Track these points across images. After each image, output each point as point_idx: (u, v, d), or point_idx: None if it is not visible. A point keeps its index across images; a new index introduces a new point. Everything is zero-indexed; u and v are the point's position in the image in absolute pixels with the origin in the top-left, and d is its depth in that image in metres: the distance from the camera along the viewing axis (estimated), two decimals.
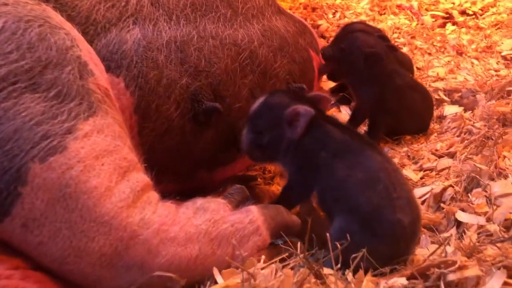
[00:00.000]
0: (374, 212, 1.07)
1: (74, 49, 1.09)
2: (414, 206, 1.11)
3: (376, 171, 1.12)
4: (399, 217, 1.06)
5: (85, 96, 1.03)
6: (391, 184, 1.09)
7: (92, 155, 0.97)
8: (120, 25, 1.30)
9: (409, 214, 1.07)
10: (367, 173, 1.11)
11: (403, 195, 1.09)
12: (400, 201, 1.07)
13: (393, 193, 1.08)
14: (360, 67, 1.79)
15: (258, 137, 1.28)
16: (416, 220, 1.10)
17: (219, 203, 1.14)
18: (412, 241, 1.09)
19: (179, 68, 1.33)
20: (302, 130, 1.20)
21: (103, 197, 0.96)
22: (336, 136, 1.21)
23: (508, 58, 2.62)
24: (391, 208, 1.06)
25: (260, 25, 1.62)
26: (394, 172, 1.14)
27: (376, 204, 1.07)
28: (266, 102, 1.28)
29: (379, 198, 1.07)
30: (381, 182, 1.09)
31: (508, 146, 1.56)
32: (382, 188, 1.08)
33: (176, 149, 1.34)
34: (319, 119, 1.23)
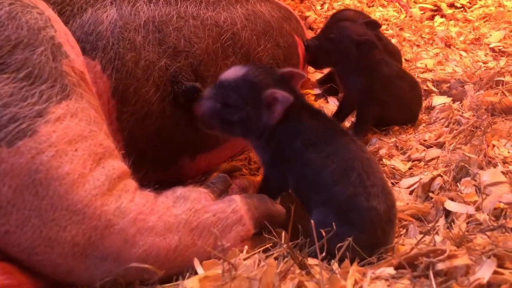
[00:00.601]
0: (349, 201, 1.05)
1: (47, 29, 1.03)
2: (388, 193, 1.09)
3: (350, 160, 1.09)
4: (373, 204, 1.04)
5: (58, 79, 0.97)
6: (364, 172, 1.07)
7: (65, 140, 0.92)
8: (97, 5, 1.25)
9: (384, 201, 1.05)
10: (341, 163, 1.09)
11: (377, 182, 1.07)
12: (374, 189, 1.05)
13: (366, 181, 1.06)
14: (350, 56, 1.75)
15: (226, 110, 1.19)
16: (391, 207, 1.07)
17: (200, 192, 1.10)
18: (389, 228, 1.07)
19: (157, 49, 1.28)
20: (278, 116, 1.16)
21: (76, 184, 0.90)
22: (311, 124, 1.17)
23: (496, 50, 2.60)
24: (365, 195, 1.04)
25: (244, 9, 1.59)
26: (368, 161, 1.11)
27: (351, 193, 1.05)
28: (246, 76, 1.19)
29: (353, 187, 1.05)
30: (355, 170, 1.07)
31: (497, 135, 1.53)
32: (356, 176, 1.06)
33: (156, 134, 1.29)
34: (296, 106, 1.18)
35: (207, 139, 1.41)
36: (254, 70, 1.21)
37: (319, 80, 2.27)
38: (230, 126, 1.22)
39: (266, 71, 1.24)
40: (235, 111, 1.19)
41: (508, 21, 2.92)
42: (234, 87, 1.19)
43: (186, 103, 1.30)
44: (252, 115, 1.18)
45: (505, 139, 1.52)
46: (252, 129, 1.20)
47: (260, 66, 1.31)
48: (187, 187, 1.09)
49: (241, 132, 1.24)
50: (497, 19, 3.00)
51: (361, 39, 1.73)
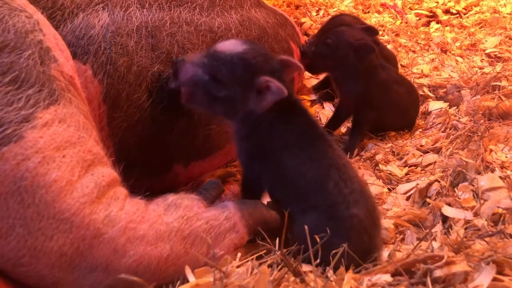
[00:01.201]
0: (329, 211, 1.02)
1: (35, 33, 1.01)
2: (367, 197, 1.07)
3: (326, 167, 1.06)
4: (353, 211, 1.01)
5: (46, 83, 0.95)
6: (341, 180, 1.04)
7: (52, 146, 0.89)
8: (89, 10, 1.23)
9: (364, 206, 1.03)
10: (317, 171, 1.06)
11: (355, 188, 1.05)
12: (353, 196, 1.03)
13: (344, 189, 1.03)
14: (348, 61, 1.73)
15: (213, 84, 1.11)
16: (372, 210, 1.05)
17: (192, 199, 1.07)
18: (375, 232, 1.05)
19: (150, 55, 1.26)
20: (266, 106, 1.10)
21: (63, 191, 0.87)
22: (290, 124, 1.13)
23: (492, 56, 2.60)
24: (344, 204, 1.02)
25: (239, 15, 1.57)
26: (344, 167, 1.08)
27: (330, 203, 1.03)
28: (244, 55, 1.11)
29: (332, 196, 1.03)
30: (332, 179, 1.04)
31: (494, 140, 1.51)
32: (333, 185, 1.04)
33: (148, 141, 1.27)
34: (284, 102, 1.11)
35: (201, 146, 1.39)
36: (253, 51, 1.13)
37: (314, 86, 2.26)
38: (213, 102, 1.13)
39: (266, 56, 1.15)
40: (222, 87, 1.11)
41: (504, 27, 2.92)
42: (228, 63, 1.10)
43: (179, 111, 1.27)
44: (239, 96, 1.11)
45: (503, 144, 1.50)
46: (236, 111, 1.14)
47: (261, 48, 1.21)
48: (179, 194, 1.06)
49: (223, 111, 1.16)
50: (492, 25, 3.00)
51: (358, 43, 1.71)
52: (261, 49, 1.19)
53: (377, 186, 1.46)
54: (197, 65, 1.13)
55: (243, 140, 1.17)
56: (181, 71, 1.15)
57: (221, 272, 0.86)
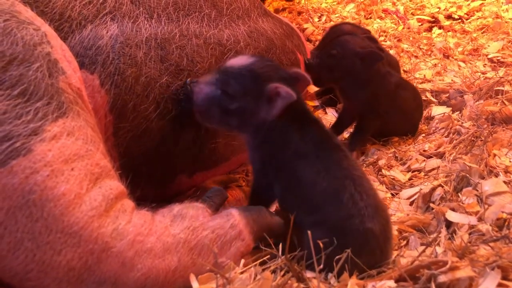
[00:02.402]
0: (343, 224, 1.01)
1: (43, 45, 1.02)
2: (382, 210, 1.06)
3: (341, 179, 1.05)
4: (368, 226, 1.00)
5: (54, 96, 0.95)
6: (357, 192, 1.03)
7: (61, 159, 0.89)
8: (97, 21, 1.25)
9: (379, 221, 1.02)
10: (332, 182, 1.06)
11: (370, 202, 1.04)
12: (368, 210, 1.02)
13: (360, 202, 1.02)
14: (355, 70, 1.71)
15: (225, 98, 1.14)
16: (386, 225, 1.04)
17: (198, 208, 1.08)
18: (387, 247, 1.04)
19: (159, 66, 1.27)
20: (277, 113, 1.11)
21: (72, 205, 0.87)
22: (304, 134, 1.13)
23: (494, 61, 2.60)
24: (359, 218, 1.01)
25: (246, 26, 1.58)
26: (360, 179, 1.07)
27: (344, 216, 1.02)
28: (251, 66, 1.15)
29: (346, 209, 1.02)
30: (347, 191, 1.03)
31: (498, 144, 1.52)
32: (348, 197, 1.02)
33: (154, 152, 1.28)
34: (295, 110, 1.14)
35: (207, 158, 1.40)
36: (260, 62, 1.17)
37: (317, 92, 2.27)
38: (227, 116, 1.16)
39: (273, 66, 1.19)
40: (234, 100, 1.14)
41: (506, 32, 2.92)
42: (237, 75, 1.14)
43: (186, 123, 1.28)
44: (251, 106, 1.14)
45: (506, 148, 1.51)
46: (249, 122, 1.16)
47: (268, 60, 1.25)
48: (184, 203, 1.07)
49: (237, 124, 1.18)
50: (495, 30, 3.01)
51: (365, 52, 1.69)
52: (268, 60, 1.23)
53: (380, 192, 1.47)
54: (209, 84, 1.17)
55: (256, 150, 1.19)
56: (195, 92, 1.19)
57: (224, 278, 0.87)
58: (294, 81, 1.18)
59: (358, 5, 3.52)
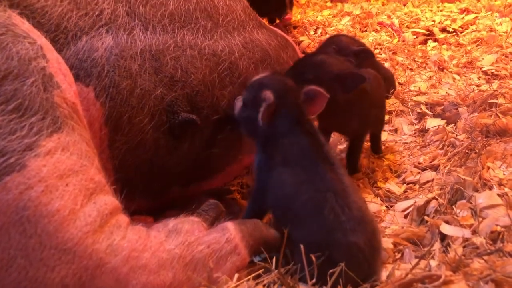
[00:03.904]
0: (327, 238, 1.02)
1: (39, 59, 1.02)
2: (367, 222, 1.06)
3: (323, 191, 1.06)
4: (352, 239, 1.00)
5: (49, 110, 0.95)
6: (338, 205, 1.04)
7: (55, 175, 0.89)
8: (92, 33, 1.25)
9: (363, 233, 1.02)
10: (314, 194, 1.07)
11: (353, 215, 1.03)
12: (350, 223, 1.02)
13: (341, 216, 1.03)
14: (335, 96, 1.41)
15: (242, 108, 1.29)
16: (372, 237, 1.04)
17: (193, 223, 1.08)
18: (375, 257, 1.04)
19: (153, 78, 1.28)
20: (262, 116, 1.16)
21: (66, 221, 0.87)
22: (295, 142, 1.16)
23: (489, 74, 2.62)
24: (341, 231, 1.01)
25: (241, 37, 1.58)
26: (343, 192, 1.07)
27: (327, 229, 1.02)
28: (262, 78, 1.27)
29: (328, 222, 1.02)
30: (328, 204, 1.04)
31: (492, 157, 1.53)
32: (329, 210, 1.03)
33: (149, 164, 1.28)
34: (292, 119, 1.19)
35: (201, 169, 1.40)
36: (271, 77, 1.29)
37: None
38: (244, 123, 1.29)
39: (284, 80, 1.27)
40: (246, 108, 1.27)
41: (500, 45, 2.95)
42: (250, 87, 1.27)
43: (181, 134, 1.29)
44: (255, 114, 1.20)
45: (500, 161, 1.51)
46: (254, 128, 1.22)
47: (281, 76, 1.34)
48: (179, 218, 1.07)
49: (248, 130, 1.29)
50: (488, 43, 3.03)
51: (345, 74, 1.47)
52: (281, 76, 1.32)
53: (375, 204, 1.47)
54: (240, 98, 1.32)
55: (256, 154, 1.24)
56: (235, 108, 1.34)
57: None
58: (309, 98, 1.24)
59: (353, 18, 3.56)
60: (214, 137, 1.40)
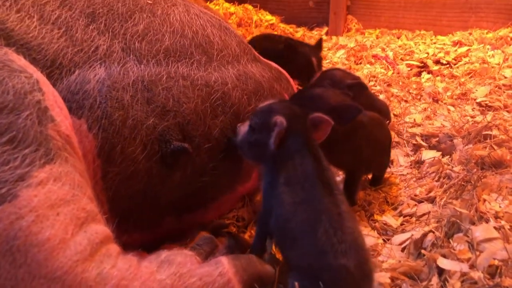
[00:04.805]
0: (318, 260, 1.03)
1: (34, 93, 1.03)
2: (359, 249, 1.06)
3: (318, 212, 1.08)
4: (342, 262, 1.01)
5: (42, 143, 0.97)
6: (331, 228, 1.04)
7: (46, 204, 0.89)
8: (85, 67, 1.27)
9: (354, 257, 1.02)
10: (309, 215, 1.08)
11: (346, 239, 1.04)
12: (341, 246, 1.02)
13: (333, 238, 1.03)
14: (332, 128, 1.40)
15: (250, 133, 1.30)
16: (363, 263, 1.04)
17: (186, 256, 1.06)
18: (365, 285, 1.03)
19: (145, 108, 1.28)
20: (275, 141, 1.19)
21: (56, 250, 0.87)
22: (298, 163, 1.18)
23: (483, 105, 2.64)
24: (332, 253, 1.02)
25: (235, 70, 1.60)
26: (338, 216, 1.08)
27: (319, 251, 1.03)
28: (271, 104, 1.30)
29: (320, 244, 1.03)
30: (322, 225, 1.05)
31: (487, 189, 1.52)
32: (323, 232, 1.04)
33: (142, 194, 1.27)
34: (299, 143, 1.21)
35: (194, 199, 1.39)
36: (280, 102, 1.33)
37: None
38: (249, 147, 1.30)
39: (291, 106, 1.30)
40: (254, 133, 1.28)
41: (493, 76, 2.99)
42: (259, 112, 1.30)
43: (173, 163, 1.29)
44: (264, 138, 1.23)
45: (496, 193, 1.51)
46: (263, 152, 1.25)
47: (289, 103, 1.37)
48: (172, 250, 1.06)
49: (255, 155, 1.30)
50: (482, 75, 3.08)
51: (342, 106, 1.48)
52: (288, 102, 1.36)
53: (372, 238, 1.46)
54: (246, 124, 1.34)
55: (263, 178, 1.25)
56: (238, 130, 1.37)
57: None
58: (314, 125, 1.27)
59: (348, 51, 3.62)
60: (206, 165, 1.39)
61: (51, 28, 1.27)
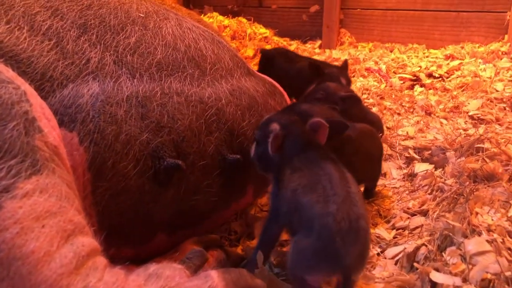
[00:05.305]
0: (310, 209, 1.07)
1: (21, 104, 1.02)
2: (352, 204, 1.07)
3: (319, 175, 1.13)
4: (329, 210, 1.03)
5: (29, 153, 0.95)
6: (329, 184, 1.09)
7: (32, 216, 0.87)
8: (78, 81, 1.26)
9: (344, 209, 1.04)
10: (311, 178, 1.13)
11: (340, 192, 1.07)
12: (334, 197, 1.06)
13: (329, 191, 1.07)
14: None
15: (256, 146, 1.34)
16: (354, 218, 1.04)
17: (175, 269, 1.04)
18: (351, 239, 1.02)
19: (139, 124, 1.27)
20: (272, 147, 1.25)
21: (40, 263, 0.85)
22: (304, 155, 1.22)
23: (475, 118, 2.66)
24: (323, 203, 1.05)
25: (229, 84, 1.58)
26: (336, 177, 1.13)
27: (313, 201, 1.07)
28: (272, 116, 1.36)
29: (316, 196, 1.07)
30: (320, 183, 1.10)
31: (480, 202, 1.52)
32: (321, 188, 1.09)
33: (133, 210, 1.25)
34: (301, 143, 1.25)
35: (187, 216, 1.37)
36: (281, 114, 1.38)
37: None
38: (259, 161, 1.34)
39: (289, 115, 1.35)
40: (258, 146, 1.33)
41: (484, 90, 3.02)
42: (262, 124, 1.36)
43: (166, 180, 1.27)
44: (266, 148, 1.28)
45: (488, 206, 1.50)
46: (268, 163, 1.30)
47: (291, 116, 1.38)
48: (161, 263, 1.04)
49: (263, 167, 1.34)
50: (474, 88, 3.10)
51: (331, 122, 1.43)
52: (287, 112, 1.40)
53: None
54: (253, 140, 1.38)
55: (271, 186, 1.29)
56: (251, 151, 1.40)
57: None
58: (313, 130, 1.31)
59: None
60: (201, 183, 1.38)
61: (42, 40, 1.26)
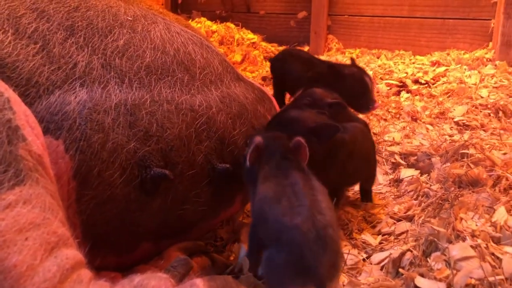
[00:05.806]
0: (277, 223, 1.06)
1: (4, 111, 1.00)
2: (319, 213, 1.06)
3: (284, 186, 1.14)
4: (295, 222, 1.03)
5: (12, 163, 0.92)
6: (294, 194, 1.09)
7: (15, 228, 0.85)
8: (66, 87, 1.24)
9: (310, 220, 1.03)
10: (276, 189, 1.14)
11: (305, 202, 1.07)
12: (299, 208, 1.06)
13: (295, 202, 1.08)
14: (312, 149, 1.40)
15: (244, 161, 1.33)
16: (321, 227, 1.03)
17: (160, 279, 1.03)
18: (319, 248, 1.01)
19: (127, 132, 1.25)
20: (250, 158, 1.26)
21: (23, 277, 0.82)
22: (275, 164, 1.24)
23: (460, 124, 2.69)
24: (290, 215, 1.05)
25: (219, 91, 1.57)
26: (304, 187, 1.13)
27: (278, 214, 1.07)
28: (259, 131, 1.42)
29: (281, 209, 1.07)
30: (286, 194, 1.10)
31: (464, 208, 1.54)
32: (286, 200, 1.09)
33: (118, 219, 1.23)
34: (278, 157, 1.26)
35: (173, 225, 1.35)
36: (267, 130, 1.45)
37: None
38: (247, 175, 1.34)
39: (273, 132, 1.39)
40: (244, 161, 1.32)
41: (470, 96, 3.05)
42: (247, 142, 1.39)
43: (153, 190, 1.26)
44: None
45: (472, 212, 1.52)
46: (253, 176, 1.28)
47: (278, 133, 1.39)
48: (146, 274, 1.03)
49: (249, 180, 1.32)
50: (459, 95, 3.14)
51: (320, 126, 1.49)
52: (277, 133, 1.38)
53: (353, 255, 1.45)
54: None
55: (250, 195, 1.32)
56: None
57: None
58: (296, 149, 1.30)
59: None
60: (189, 192, 1.36)
61: (27, 43, 1.24)
